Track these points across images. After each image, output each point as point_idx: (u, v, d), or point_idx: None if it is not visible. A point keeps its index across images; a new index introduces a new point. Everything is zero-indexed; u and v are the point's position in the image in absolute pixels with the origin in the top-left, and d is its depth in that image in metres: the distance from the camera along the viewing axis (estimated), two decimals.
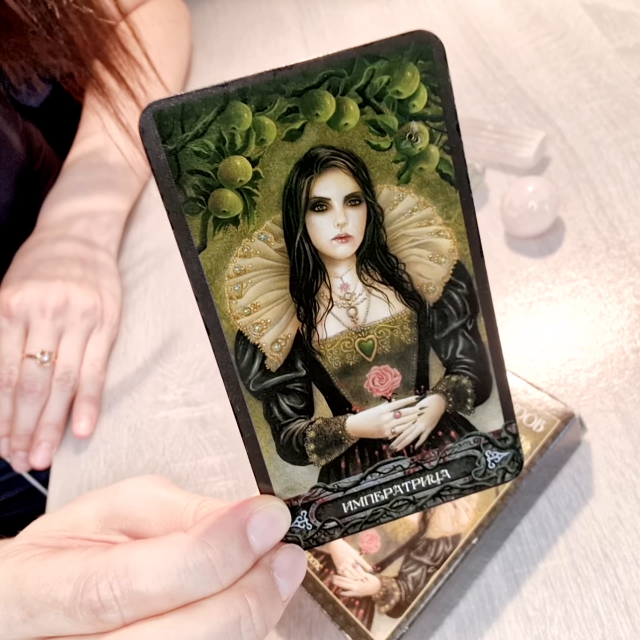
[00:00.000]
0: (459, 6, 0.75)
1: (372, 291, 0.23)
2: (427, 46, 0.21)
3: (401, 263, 0.23)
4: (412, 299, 0.23)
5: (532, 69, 0.65)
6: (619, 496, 0.41)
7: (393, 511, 0.25)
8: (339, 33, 0.78)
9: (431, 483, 0.25)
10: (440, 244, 0.23)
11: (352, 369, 0.24)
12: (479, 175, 0.58)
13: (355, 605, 0.38)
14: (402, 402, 0.24)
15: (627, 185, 0.54)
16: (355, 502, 0.24)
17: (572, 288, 0.51)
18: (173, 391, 0.57)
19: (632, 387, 0.45)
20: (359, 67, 0.21)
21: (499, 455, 0.25)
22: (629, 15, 0.65)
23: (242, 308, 0.23)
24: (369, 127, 0.22)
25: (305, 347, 0.23)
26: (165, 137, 0.21)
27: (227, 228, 0.22)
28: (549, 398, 0.41)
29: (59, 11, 0.46)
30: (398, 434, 0.24)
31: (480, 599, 0.41)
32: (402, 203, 0.23)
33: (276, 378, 0.23)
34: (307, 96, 0.21)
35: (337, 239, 0.23)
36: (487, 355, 0.24)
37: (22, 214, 0.69)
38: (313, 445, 0.24)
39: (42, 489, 0.62)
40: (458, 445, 0.25)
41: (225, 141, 0.21)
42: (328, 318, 0.23)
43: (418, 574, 0.38)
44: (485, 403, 0.24)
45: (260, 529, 0.23)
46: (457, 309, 0.24)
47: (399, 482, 0.24)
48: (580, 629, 0.38)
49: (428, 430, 0.24)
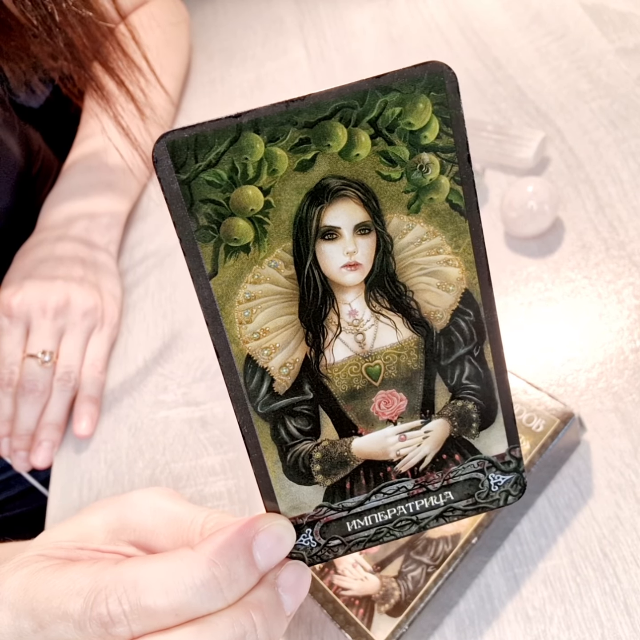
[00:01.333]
0: (458, 6, 0.75)
1: (380, 317, 0.24)
2: (440, 78, 0.22)
3: (409, 290, 0.24)
4: (419, 326, 0.24)
5: (532, 70, 0.66)
6: (619, 496, 0.41)
7: (396, 530, 0.25)
8: (339, 33, 0.79)
9: (434, 504, 0.25)
10: (448, 272, 0.24)
11: (359, 392, 0.24)
12: (478, 175, 0.58)
13: (355, 604, 0.38)
14: (408, 425, 0.25)
15: (626, 185, 0.55)
16: (360, 521, 0.25)
17: (572, 288, 0.51)
18: (173, 391, 0.57)
19: (632, 387, 0.45)
20: (371, 98, 0.22)
21: (502, 478, 0.25)
22: (628, 15, 0.66)
23: (252, 333, 0.23)
24: (380, 158, 0.22)
25: (313, 371, 0.24)
26: (179, 166, 0.21)
27: (238, 255, 0.22)
28: (548, 398, 0.41)
29: (59, 14, 0.46)
30: (403, 456, 0.25)
31: (479, 599, 0.41)
32: (411, 232, 0.23)
33: (284, 401, 0.24)
34: (319, 127, 0.22)
35: (347, 267, 0.23)
36: (493, 381, 0.25)
37: (20, 218, 0.69)
38: (319, 466, 0.24)
39: (42, 488, 0.62)
40: (462, 468, 0.25)
41: (237, 171, 0.21)
42: (336, 343, 0.24)
43: (418, 574, 0.38)
44: (489, 428, 0.25)
45: (266, 547, 0.24)
46: (464, 336, 0.24)
47: (402, 502, 0.25)
48: (580, 628, 0.38)
49: (432, 453, 0.25)
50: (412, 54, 0.72)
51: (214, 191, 0.22)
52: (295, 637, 0.43)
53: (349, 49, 0.76)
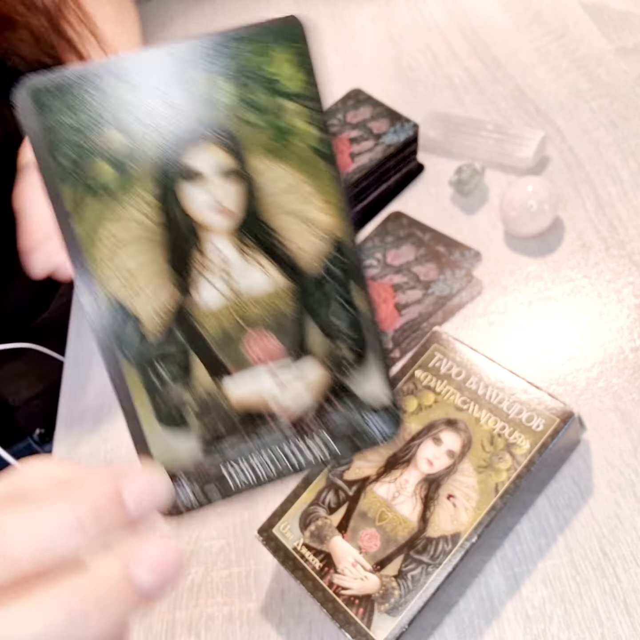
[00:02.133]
0: (458, 6, 0.75)
1: (251, 262, 0.24)
2: (298, 29, 0.23)
3: (280, 236, 0.24)
4: (290, 270, 0.24)
5: (532, 69, 0.66)
6: (618, 495, 0.41)
7: (274, 474, 0.25)
8: (339, 33, 0.79)
9: (311, 447, 0.25)
10: (318, 219, 0.24)
11: (230, 335, 0.24)
12: (478, 175, 0.58)
13: (355, 603, 0.38)
14: (279, 365, 0.24)
15: (626, 184, 0.55)
16: (236, 466, 0.24)
17: (572, 287, 0.51)
18: None
19: (632, 386, 0.45)
20: (232, 48, 0.23)
21: (378, 418, 0.25)
22: (628, 15, 0.66)
23: (116, 273, 0.23)
24: (244, 105, 0.23)
25: (183, 314, 0.24)
26: (41, 110, 0.22)
27: (100, 196, 0.23)
28: (548, 397, 0.41)
29: None
30: (277, 398, 0.24)
31: (479, 598, 0.41)
32: (279, 178, 0.24)
33: (153, 345, 0.23)
34: None
35: (213, 210, 0.23)
36: (363, 324, 0.25)
37: None
38: (192, 411, 0.24)
39: None
40: (339, 411, 0.25)
41: (98, 114, 0.22)
42: (204, 286, 0.24)
43: (418, 573, 0.38)
44: (363, 369, 0.25)
45: (136, 492, 0.22)
46: (334, 280, 0.25)
47: (279, 446, 0.25)
48: (580, 627, 0.38)
49: (307, 396, 0.25)
50: (411, 53, 0.72)
51: (75, 134, 0.22)
52: (295, 636, 0.43)
53: (349, 49, 0.76)
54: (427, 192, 0.61)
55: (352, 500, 0.42)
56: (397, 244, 0.57)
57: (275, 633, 0.43)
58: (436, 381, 0.44)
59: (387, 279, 0.55)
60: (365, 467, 0.43)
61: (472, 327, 0.52)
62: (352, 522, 0.41)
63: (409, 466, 0.42)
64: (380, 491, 0.41)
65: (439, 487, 0.40)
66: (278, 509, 0.43)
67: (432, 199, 0.60)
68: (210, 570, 0.47)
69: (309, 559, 0.41)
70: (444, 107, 0.66)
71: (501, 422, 0.41)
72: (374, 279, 0.55)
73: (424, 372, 0.45)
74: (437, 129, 0.62)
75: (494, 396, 0.42)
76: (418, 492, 0.41)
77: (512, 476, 0.39)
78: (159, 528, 0.23)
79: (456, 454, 0.41)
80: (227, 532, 0.49)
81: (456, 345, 0.45)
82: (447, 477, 0.41)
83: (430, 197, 0.60)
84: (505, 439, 0.40)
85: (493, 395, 0.42)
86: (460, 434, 0.42)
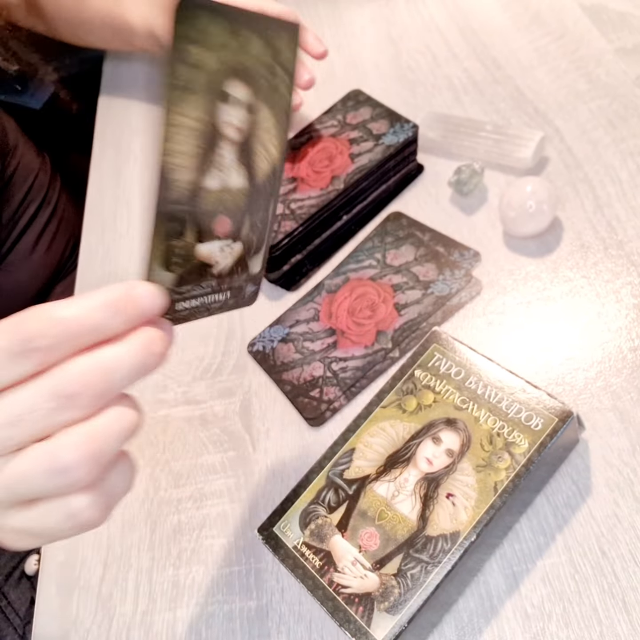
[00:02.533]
0: (458, 6, 0.75)
1: (237, 167, 0.32)
2: (297, 29, 0.31)
3: (254, 156, 0.33)
4: (251, 180, 0.33)
5: (531, 70, 0.66)
6: (617, 494, 0.42)
7: (198, 313, 0.35)
8: (338, 33, 0.79)
9: (220, 299, 0.36)
10: (272, 151, 0.34)
11: (212, 212, 0.32)
12: (477, 175, 0.58)
13: (355, 602, 0.38)
14: (224, 242, 0.34)
15: (625, 185, 0.55)
16: (184, 303, 0.33)
17: (570, 287, 0.51)
18: (173, 390, 0.57)
19: (630, 386, 0.45)
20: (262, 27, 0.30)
21: (252, 287, 0.38)
22: (627, 15, 0.66)
23: (173, 149, 0.29)
24: (265, 64, 0.31)
25: (196, 192, 0.31)
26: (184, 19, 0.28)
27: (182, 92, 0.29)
28: (547, 397, 0.41)
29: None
30: (218, 260, 0.34)
31: (479, 597, 0.41)
32: (266, 120, 0.32)
33: (175, 206, 0.30)
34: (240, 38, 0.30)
35: (232, 127, 0.31)
36: (267, 224, 0.36)
37: None
38: (176, 259, 0.32)
39: None
40: (238, 277, 0.36)
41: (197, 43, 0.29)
42: (213, 175, 0.31)
43: (417, 572, 0.38)
44: (257, 255, 0.36)
45: (144, 294, 0.29)
46: (265, 192, 0.35)
47: (208, 294, 0.35)
48: (579, 626, 0.38)
49: (230, 265, 0.35)
50: (411, 54, 0.72)
51: None
52: (294, 635, 0.43)
53: (349, 49, 0.76)
54: (427, 193, 0.61)
55: (351, 499, 0.42)
56: (397, 244, 0.57)
57: (275, 631, 0.44)
58: (435, 381, 0.44)
59: (387, 279, 0.55)
60: (365, 466, 0.43)
61: (471, 327, 0.52)
62: (351, 521, 0.41)
63: (409, 465, 0.42)
64: (380, 490, 0.42)
65: (438, 486, 0.41)
66: (278, 507, 0.44)
67: (432, 200, 0.60)
68: (211, 569, 0.48)
69: (309, 557, 0.41)
70: (443, 107, 0.66)
71: (500, 421, 0.41)
72: (373, 279, 0.55)
73: (424, 371, 0.45)
74: (436, 129, 0.62)
75: (493, 395, 0.42)
76: (417, 491, 0.41)
77: (511, 475, 0.39)
78: None
79: (455, 453, 0.41)
80: (227, 531, 0.49)
81: (455, 345, 0.45)
82: (447, 476, 0.41)
83: (430, 197, 0.61)
84: (504, 438, 0.41)
85: (492, 394, 0.42)
86: (459, 433, 0.42)
